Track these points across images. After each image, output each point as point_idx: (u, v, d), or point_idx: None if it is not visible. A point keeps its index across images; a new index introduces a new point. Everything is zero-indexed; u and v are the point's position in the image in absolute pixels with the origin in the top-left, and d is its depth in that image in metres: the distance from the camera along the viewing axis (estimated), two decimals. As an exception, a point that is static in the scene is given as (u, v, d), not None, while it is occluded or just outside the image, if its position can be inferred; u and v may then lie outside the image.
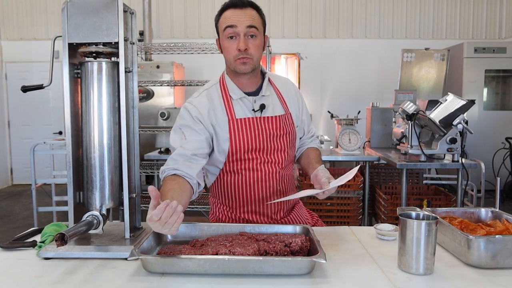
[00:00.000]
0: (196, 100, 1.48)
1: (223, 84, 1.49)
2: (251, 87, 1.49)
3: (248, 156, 1.46)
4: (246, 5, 1.39)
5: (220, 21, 1.41)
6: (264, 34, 1.45)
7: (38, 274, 1.09)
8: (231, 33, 1.37)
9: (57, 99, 6.65)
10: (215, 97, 1.47)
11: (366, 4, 6.71)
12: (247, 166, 1.47)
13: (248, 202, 1.51)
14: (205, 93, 1.49)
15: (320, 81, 6.70)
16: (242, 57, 1.38)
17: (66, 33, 1.23)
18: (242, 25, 1.36)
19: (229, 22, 1.36)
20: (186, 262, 1.05)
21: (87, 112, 1.27)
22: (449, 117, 2.72)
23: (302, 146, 1.68)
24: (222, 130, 1.44)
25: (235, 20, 1.36)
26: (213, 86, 1.51)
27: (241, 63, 1.39)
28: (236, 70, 1.42)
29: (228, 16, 1.38)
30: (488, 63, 5.76)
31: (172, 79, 5.42)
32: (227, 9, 1.39)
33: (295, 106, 1.59)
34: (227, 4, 1.40)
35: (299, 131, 1.61)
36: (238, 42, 1.36)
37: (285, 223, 1.56)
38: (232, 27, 1.36)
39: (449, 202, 3.28)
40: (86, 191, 1.29)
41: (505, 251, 1.10)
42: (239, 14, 1.37)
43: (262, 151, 1.46)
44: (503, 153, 5.51)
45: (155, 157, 3.96)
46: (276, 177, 1.49)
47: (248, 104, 1.47)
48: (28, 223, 4.39)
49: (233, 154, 1.45)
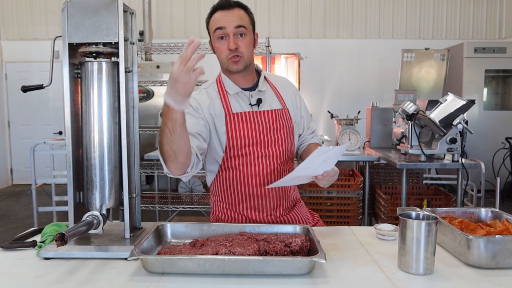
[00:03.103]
0: (197, 96, 1.53)
1: (220, 81, 1.55)
2: (247, 84, 1.54)
3: (246, 151, 1.48)
4: (233, 6, 1.44)
5: (210, 24, 1.47)
6: (254, 32, 1.50)
7: (38, 274, 1.09)
8: (220, 34, 1.43)
9: (57, 99, 6.65)
10: (213, 94, 1.53)
11: (366, 4, 6.71)
12: (245, 162, 1.49)
13: (247, 198, 1.52)
14: (204, 91, 1.55)
15: (320, 81, 6.70)
16: (233, 55, 1.43)
17: (66, 33, 1.23)
18: (231, 25, 1.41)
19: (218, 24, 1.42)
20: (186, 262, 1.05)
21: (87, 112, 1.27)
22: (449, 117, 2.72)
23: (304, 142, 1.69)
24: (221, 124, 1.48)
25: (224, 21, 1.42)
26: (211, 85, 1.56)
27: (233, 62, 1.45)
28: (229, 69, 1.47)
29: (217, 18, 1.44)
30: (488, 63, 5.76)
31: (172, 79, 5.40)
32: (216, 11, 1.45)
33: (293, 102, 1.63)
34: (215, 6, 1.46)
35: (298, 127, 1.64)
36: (228, 42, 1.42)
37: (285, 222, 1.56)
38: (221, 29, 1.42)
39: (449, 202, 3.28)
40: (86, 191, 1.29)
41: (505, 251, 1.10)
42: (227, 15, 1.43)
43: (260, 144, 1.49)
44: (503, 153, 5.51)
45: (155, 157, 3.96)
46: (275, 172, 1.51)
47: (244, 99, 1.52)
48: (28, 223, 4.39)
49: (231, 148, 1.48)
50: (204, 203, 3.60)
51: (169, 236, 1.32)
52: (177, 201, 3.74)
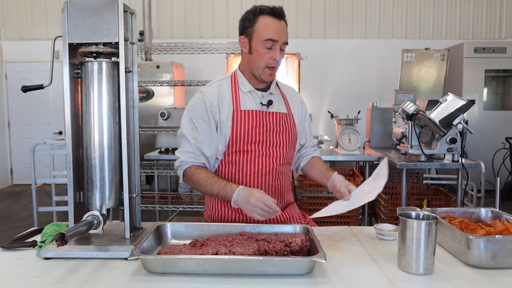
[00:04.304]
0: (207, 89, 1.56)
1: (235, 78, 1.58)
2: (261, 85, 1.57)
3: (247, 148, 1.51)
4: (282, 17, 1.49)
5: (259, 26, 1.47)
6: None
7: (38, 274, 1.09)
8: (271, 45, 1.46)
9: (57, 99, 6.64)
10: (225, 89, 1.55)
11: (366, 4, 6.71)
12: (245, 158, 1.51)
13: None
14: (217, 84, 1.58)
15: (320, 81, 6.70)
16: (273, 66, 1.49)
17: (66, 33, 1.23)
18: (281, 40, 1.47)
19: (273, 36, 1.45)
20: (186, 262, 1.05)
21: (87, 112, 1.27)
22: (449, 117, 2.72)
23: (306, 155, 1.73)
24: (227, 118, 1.50)
25: (277, 34, 1.46)
26: (225, 79, 1.60)
27: (269, 74, 1.51)
28: (262, 77, 1.52)
29: (270, 26, 1.46)
30: (488, 63, 5.76)
31: (172, 79, 5.42)
32: (266, 15, 1.47)
33: (299, 112, 1.67)
34: (267, 10, 1.47)
35: (301, 136, 1.68)
36: (274, 53, 1.47)
37: (279, 221, 1.56)
38: (273, 41, 1.46)
39: (449, 202, 3.28)
40: (86, 191, 1.29)
41: (505, 251, 1.10)
42: (280, 27, 1.47)
43: (261, 144, 1.52)
44: (503, 153, 5.51)
45: (155, 157, 3.96)
46: (273, 173, 1.53)
47: (256, 98, 1.56)
48: (28, 223, 4.39)
49: (233, 144, 1.50)
50: (204, 203, 3.59)
51: (169, 236, 1.33)
52: (177, 201, 3.74)
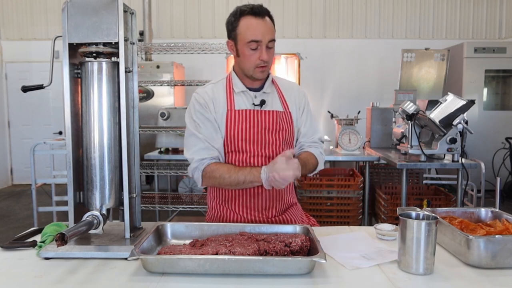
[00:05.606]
0: (201, 91, 1.57)
1: (229, 79, 1.58)
2: (255, 84, 1.57)
3: (243, 148, 1.50)
4: (265, 14, 1.45)
5: (241, 29, 1.46)
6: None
7: (38, 274, 1.09)
8: (255, 46, 1.44)
9: (57, 99, 6.64)
10: (220, 90, 1.56)
11: (366, 4, 6.71)
12: (240, 158, 1.51)
13: (239, 195, 1.54)
14: (211, 86, 1.59)
15: (320, 81, 6.70)
16: (263, 66, 1.48)
17: (66, 33, 1.23)
18: (265, 38, 1.44)
19: (255, 37, 1.43)
20: (186, 262, 1.05)
21: (87, 112, 1.27)
22: (449, 117, 2.72)
23: (300, 148, 1.63)
24: (222, 118, 1.51)
25: (260, 34, 1.43)
26: (219, 81, 1.60)
27: (260, 72, 1.49)
28: (255, 76, 1.51)
29: (252, 26, 1.44)
30: (488, 63, 5.76)
31: (172, 79, 5.42)
32: (248, 16, 1.44)
33: (296, 106, 1.62)
34: (247, 10, 1.44)
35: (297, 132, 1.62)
36: (261, 53, 1.45)
37: (279, 222, 1.56)
38: (257, 42, 1.44)
39: (449, 202, 3.28)
40: (86, 191, 1.29)
41: (505, 251, 1.10)
42: (262, 26, 1.44)
43: (257, 143, 1.51)
44: (503, 153, 5.51)
45: (155, 157, 3.96)
46: None
47: (249, 98, 1.55)
48: (28, 223, 4.39)
49: (228, 144, 1.51)
50: (204, 203, 3.59)
51: (169, 236, 1.33)
52: (177, 201, 3.74)
